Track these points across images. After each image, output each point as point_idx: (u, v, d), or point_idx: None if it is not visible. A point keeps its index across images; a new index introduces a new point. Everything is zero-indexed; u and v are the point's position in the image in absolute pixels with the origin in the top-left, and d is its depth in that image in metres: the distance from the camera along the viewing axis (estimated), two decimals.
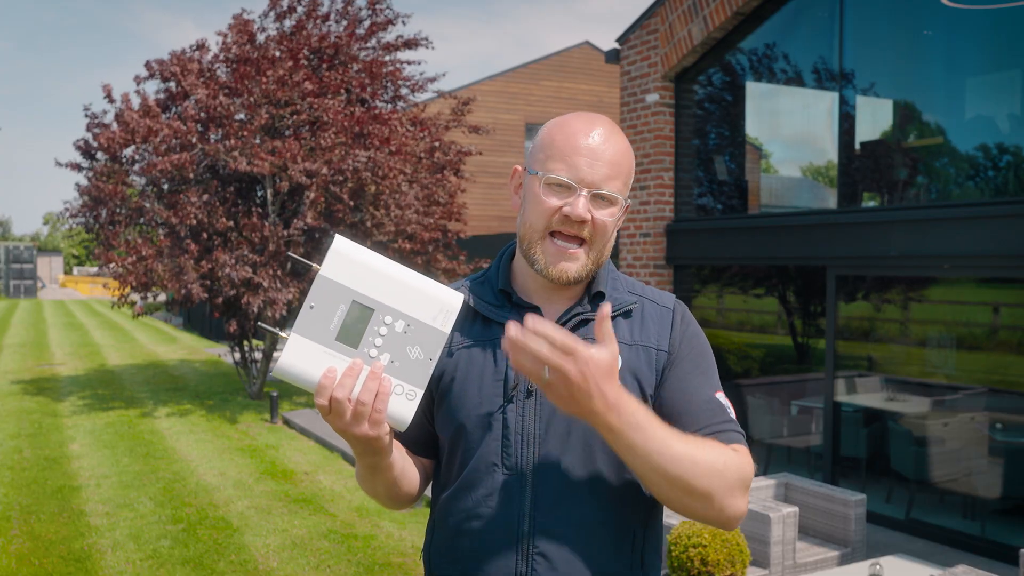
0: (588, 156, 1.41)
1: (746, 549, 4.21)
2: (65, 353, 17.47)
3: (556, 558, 1.40)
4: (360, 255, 1.29)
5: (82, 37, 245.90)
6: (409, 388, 1.30)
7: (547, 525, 1.41)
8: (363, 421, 1.27)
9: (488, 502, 1.43)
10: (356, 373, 1.26)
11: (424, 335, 1.30)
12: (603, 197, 1.41)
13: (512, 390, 1.44)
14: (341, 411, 1.25)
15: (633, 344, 1.48)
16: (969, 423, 6.02)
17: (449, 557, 1.48)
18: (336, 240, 1.29)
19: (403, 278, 1.30)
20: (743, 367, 7.79)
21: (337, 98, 10.08)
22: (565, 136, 1.43)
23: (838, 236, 6.49)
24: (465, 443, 1.47)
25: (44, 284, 58.55)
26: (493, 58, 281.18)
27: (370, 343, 1.28)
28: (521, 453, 1.43)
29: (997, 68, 6.19)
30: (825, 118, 7.12)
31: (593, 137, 1.42)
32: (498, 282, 1.53)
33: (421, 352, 1.30)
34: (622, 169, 1.44)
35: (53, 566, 5.26)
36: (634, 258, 8.34)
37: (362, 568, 5.27)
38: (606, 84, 18.92)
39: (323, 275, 1.27)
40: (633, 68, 8.43)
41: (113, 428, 9.56)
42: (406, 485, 1.50)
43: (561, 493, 1.42)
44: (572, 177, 1.40)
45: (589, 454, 1.43)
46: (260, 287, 9.55)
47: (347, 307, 1.27)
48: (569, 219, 1.41)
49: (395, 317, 1.29)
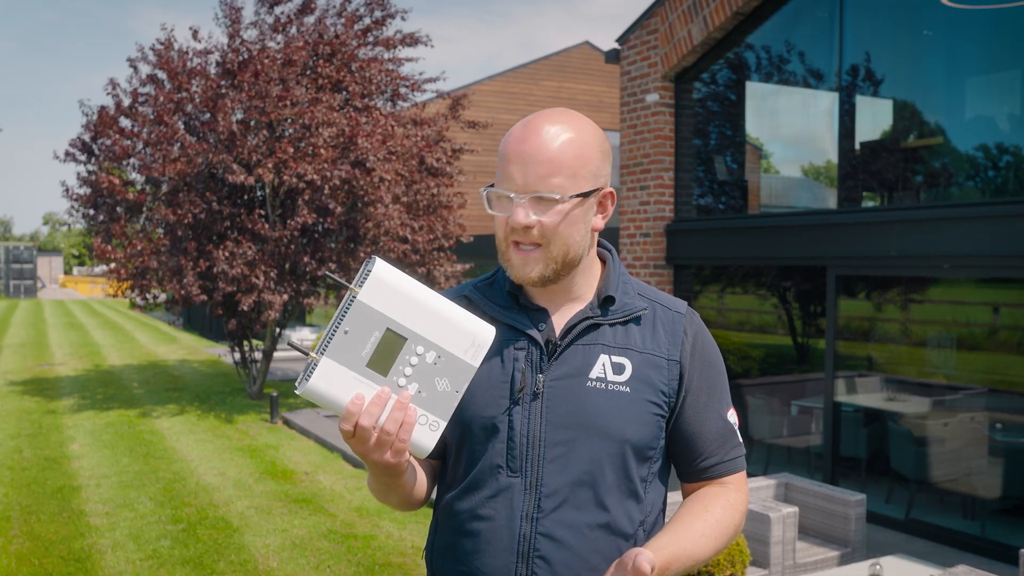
0: (519, 162, 1.40)
1: (746, 549, 4.21)
2: (65, 353, 17.47)
3: (556, 561, 1.41)
4: (398, 282, 1.28)
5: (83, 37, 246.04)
6: (433, 419, 1.31)
7: (548, 528, 1.41)
8: (386, 449, 1.28)
9: (491, 504, 1.44)
10: (383, 402, 1.26)
11: (453, 367, 1.30)
12: (543, 198, 1.40)
13: (518, 392, 1.44)
14: (365, 438, 1.26)
15: (644, 352, 1.48)
16: (969, 423, 6.02)
17: (451, 557, 1.49)
18: (376, 265, 1.27)
19: (438, 308, 1.30)
20: (743, 367, 7.79)
21: (333, 96, 10.04)
22: (505, 145, 1.44)
23: (838, 236, 6.49)
24: (471, 445, 1.47)
25: (44, 284, 58.58)
26: (494, 59, 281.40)
27: (400, 372, 1.28)
28: (526, 456, 1.43)
29: (997, 68, 6.19)
30: (825, 118, 7.12)
31: (526, 141, 1.40)
32: (506, 284, 1.53)
33: (449, 384, 1.30)
34: (563, 162, 1.40)
35: (53, 566, 5.26)
36: (634, 258, 8.34)
37: (362, 568, 5.27)
38: (606, 84, 18.91)
39: (360, 300, 1.26)
40: (633, 68, 8.43)
41: (113, 428, 9.56)
42: (417, 493, 1.52)
43: (564, 497, 1.42)
44: (507, 187, 1.41)
45: (594, 459, 1.43)
46: (255, 287, 9.54)
47: (381, 334, 1.27)
48: (514, 229, 1.42)
49: (427, 348, 1.29)
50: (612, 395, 1.44)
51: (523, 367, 1.45)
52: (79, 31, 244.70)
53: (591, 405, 1.43)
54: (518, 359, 1.46)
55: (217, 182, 10.30)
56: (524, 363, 1.45)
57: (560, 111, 1.46)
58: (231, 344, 11.32)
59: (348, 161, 9.62)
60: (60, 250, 75.35)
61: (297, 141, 9.76)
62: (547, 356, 1.46)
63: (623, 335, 1.48)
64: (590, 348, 1.46)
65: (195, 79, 10.45)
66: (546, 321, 1.49)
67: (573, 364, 1.45)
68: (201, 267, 9.66)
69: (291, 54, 9.99)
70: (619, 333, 1.48)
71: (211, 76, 10.43)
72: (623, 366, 1.46)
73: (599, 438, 1.42)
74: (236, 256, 9.56)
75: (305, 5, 10.86)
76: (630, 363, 1.46)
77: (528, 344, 1.47)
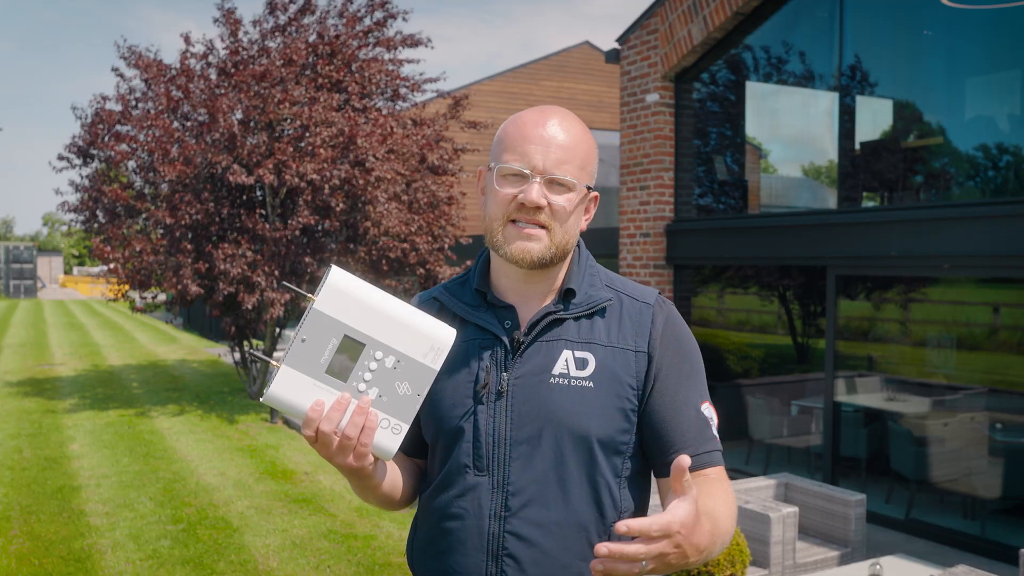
0: (539, 143, 1.42)
1: (746, 549, 4.21)
2: (65, 353, 17.47)
3: (525, 559, 1.41)
4: (355, 289, 1.30)
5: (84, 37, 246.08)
6: (395, 422, 1.32)
7: (516, 527, 1.42)
8: (348, 453, 1.30)
9: (460, 503, 1.45)
10: (343, 407, 1.28)
11: (414, 371, 1.32)
12: (558, 182, 1.42)
13: (481, 391, 1.45)
14: (327, 443, 1.29)
15: (608, 346, 1.47)
16: (969, 423, 6.02)
17: (428, 554, 1.51)
18: (332, 272, 1.29)
19: (396, 314, 1.31)
20: (743, 367, 7.79)
21: (332, 96, 10.03)
22: (517, 128, 1.45)
23: (838, 236, 6.49)
24: (443, 444, 1.49)
25: (44, 284, 58.57)
26: (494, 59, 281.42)
27: (359, 377, 1.30)
28: (492, 455, 1.44)
29: (997, 68, 6.20)
30: (825, 118, 7.12)
31: (544, 125, 1.43)
32: (475, 282, 1.54)
33: (409, 388, 1.32)
34: (576, 153, 1.44)
35: (53, 566, 5.26)
36: (634, 258, 8.34)
37: (362, 568, 5.27)
38: (606, 84, 18.91)
39: (316, 308, 1.28)
40: (633, 68, 8.43)
41: (113, 428, 9.56)
42: (394, 493, 1.53)
43: (531, 495, 1.42)
44: (525, 165, 1.42)
45: (559, 457, 1.43)
46: (257, 286, 9.55)
47: (338, 341, 1.29)
48: (525, 206, 1.41)
49: (385, 353, 1.30)
50: (575, 391, 1.43)
51: (488, 366, 1.46)
52: (79, 31, 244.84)
53: (554, 402, 1.43)
54: (483, 358, 1.47)
55: (216, 182, 10.30)
56: (489, 362, 1.46)
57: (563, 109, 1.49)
58: (231, 344, 11.32)
59: (348, 161, 9.62)
60: (60, 250, 75.37)
61: (296, 141, 9.76)
62: (512, 354, 1.46)
63: (587, 329, 1.47)
64: (553, 344, 1.46)
65: (191, 80, 10.44)
66: (513, 319, 1.49)
67: (536, 361, 1.45)
68: (200, 268, 9.67)
69: (291, 54, 9.98)
70: (583, 327, 1.48)
71: (209, 78, 10.43)
72: (586, 361, 1.45)
73: (564, 435, 1.42)
74: (236, 257, 9.56)
75: (305, 5, 10.85)
76: (594, 357, 1.45)
77: (494, 343, 1.47)
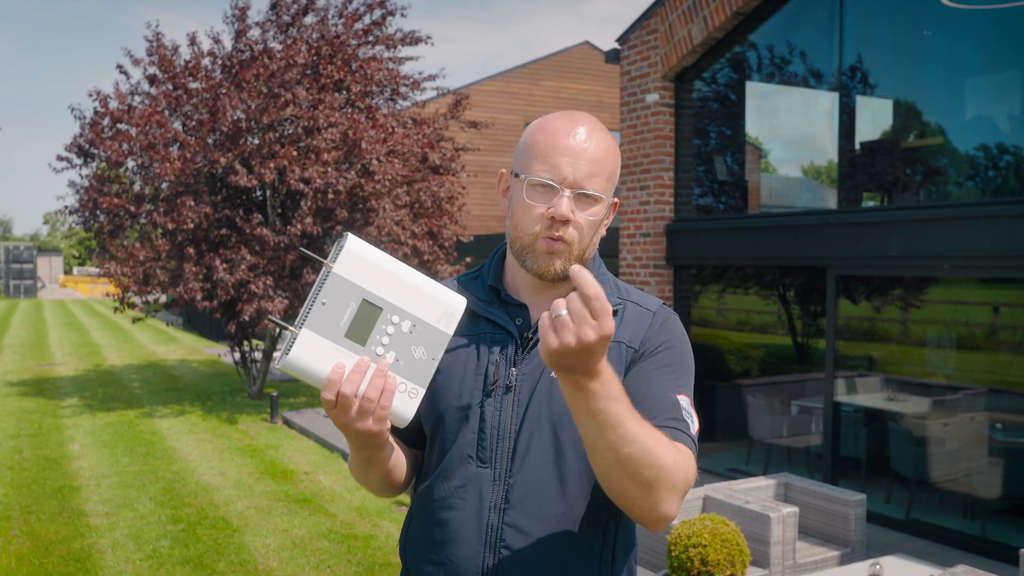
0: (569, 155, 1.41)
1: (746, 549, 4.21)
2: (65, 353, 17.47)
3: (522, 552, 1.42)
4: (371, 255, 1.31)
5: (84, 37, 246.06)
6: (412, 387, 1.33)
7: (515, 519, 1.43)
8: (367, 417, 1.29)
9: (460, 493, 1.46)
10: (363, 370, 1.28)
11: (428, 335, 1.33)
12: (587, 195, 1.42)
13: (491, 385, 1.47)
14: (347, 406, 1.28)
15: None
16: (969, 423, 6.02)
17: (423, 546, 1.51)
18: (349, 239, 1.30)
19: (411, 279, 1.33)
20: (743, 367, 7.79)
21: (334, 96, 10.03)
22: (546, 136, 1.44)
23: (838, 236, 6.49)
24: (444, 434, 1.50)
25: (44, 284, 58.56)
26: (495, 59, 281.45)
27: (377, 341, 1.31)
28: (496, 447, 1.45)
29: (997, 68, 6.19)
30: (825, 118, 7.12)
31: (574, 136, 1.43)
32: (489, 279, 1.56)
33: (425, 352, 1.33)
34: (604, 166, 1.44)
35: (53, 566, 5.26)
36: (634, 258, 8.33)
37: (362, 568, 5.27)
38: (606, 84, 18.92)
39: (336, 273, 1.29)
40: (633, 68, 8.43)
41: (113, 428, 9.56)
42: (397, 475, 1.54)
43: (531, 488, 1.44)
44: (554, 177, 1.41)
45: (559, 451, 1.44)
46: (254, 295, 9.52)
47: (357, 305, 1.30)
48: (554, 220, 1.41)
49: (402, 317, 1.32)
50: None
51: (497, 360, 1.48)
52: (79, 31, 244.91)
53: (555, 398, 1.44)
54: (493, 352, 1.48)
55: (216, 183, 10.29)
56: (499, 356, 1.48)
57: (590, 116, 1.49)
58: (231, 344, 11.32)
59: (353, 168, 9.63)
60: (60, 250, 75.33)
61: (297, 142, 9.75)
62: (521, 349, 1.48)
63: None
64: None
65: (194, 78, 10.44)
66: (524, 317, 1.51)
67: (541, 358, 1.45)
68: (200, 271, 9.66)
69: (294, 55, 9.98)
70: None
71: (212, 76, 10.43)
72: None
73: (564, 430, 1.43)
74: (235, 263, 9.55)
75: (306, 5, 10.85)
76: None
77: (505, 338, 1.49)
